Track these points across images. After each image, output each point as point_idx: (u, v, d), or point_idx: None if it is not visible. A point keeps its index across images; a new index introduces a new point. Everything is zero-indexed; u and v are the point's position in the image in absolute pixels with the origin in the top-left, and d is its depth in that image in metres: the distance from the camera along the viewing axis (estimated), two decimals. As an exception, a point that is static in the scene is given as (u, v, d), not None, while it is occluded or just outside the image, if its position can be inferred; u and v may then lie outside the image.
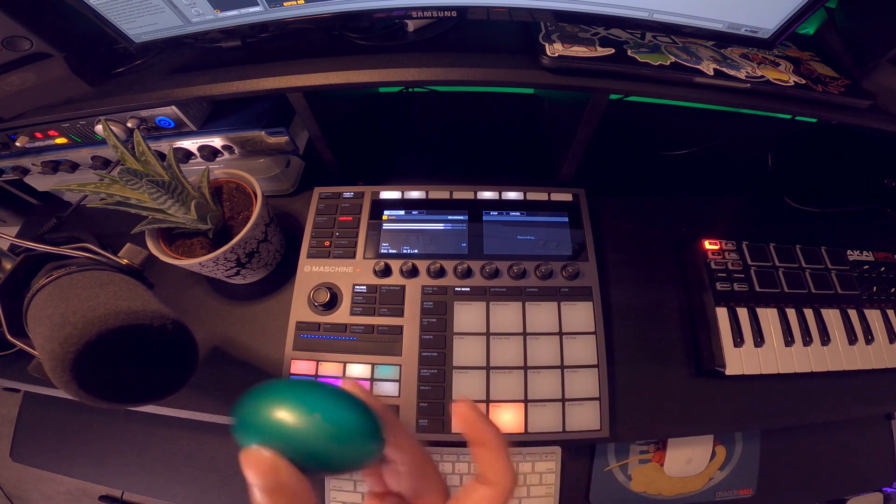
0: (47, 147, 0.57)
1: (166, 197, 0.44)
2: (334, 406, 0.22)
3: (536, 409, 0.49)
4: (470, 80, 0.45)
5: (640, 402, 0.52)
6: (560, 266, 0.54)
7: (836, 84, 0.46)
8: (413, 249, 0.56)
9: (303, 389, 0.23)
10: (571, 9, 0.42)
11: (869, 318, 0.56)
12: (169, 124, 0.54)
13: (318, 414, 0.21)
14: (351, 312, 0.53)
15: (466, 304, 0.53)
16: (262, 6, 0.42)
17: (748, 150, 0.73)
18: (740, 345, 0.53)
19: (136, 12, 0.42)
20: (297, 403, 0.21)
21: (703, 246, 0.58)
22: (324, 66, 0.46)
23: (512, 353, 0.51)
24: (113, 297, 0.31)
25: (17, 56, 0.46)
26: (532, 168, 0.69)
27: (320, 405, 0.22)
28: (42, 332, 0.29)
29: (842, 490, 0.61)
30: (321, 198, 0.60)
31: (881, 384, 0.55)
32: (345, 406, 0.22)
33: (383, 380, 0.50)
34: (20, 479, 1.13)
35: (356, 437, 0.22)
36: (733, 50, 0.49)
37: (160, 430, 0.60)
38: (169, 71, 0.51)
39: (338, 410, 0.22)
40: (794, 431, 0.60)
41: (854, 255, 0.60)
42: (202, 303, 0.59)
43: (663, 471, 0.58)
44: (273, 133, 0.56)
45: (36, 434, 0.63)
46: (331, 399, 0.22)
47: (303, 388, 0.23)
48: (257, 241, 0.52)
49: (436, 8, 0.43)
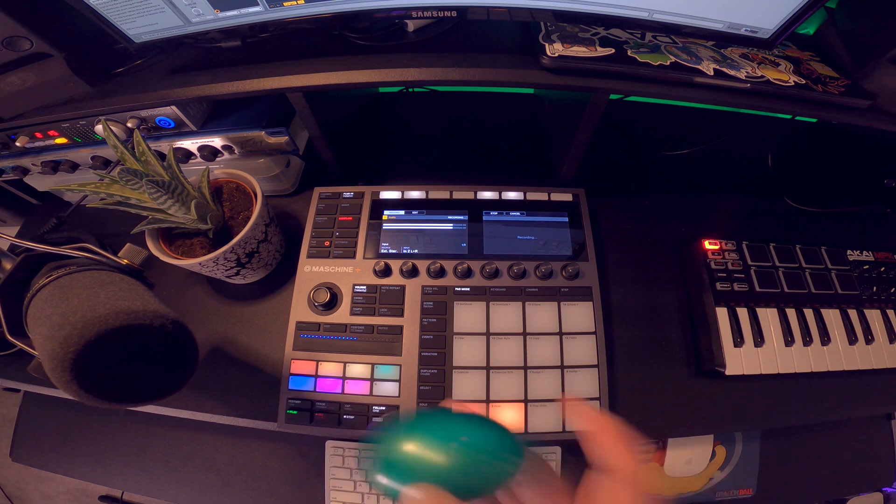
0: (47, 147, 0.57)
1: (166, 197, 0.44)
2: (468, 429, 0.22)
3: (536, 409, 0.49)
4: (470, 80, 0.45)
5: (640, 402, 0.52)
6: (560, 266, 0.54)
7: (836, 84, 0.46)
8: (413, 249, 0.56)
9: (429, 420, 0.23)
10: (571, 9, 0.42)
11: (869, 318, 0.56)
12: (169, 124, 0.54)
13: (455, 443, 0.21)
14: (351, 312, 0.53)
15: (466, 304, 0.53)
16: (262, 6, 0.43)
17: (748, 150, 0.73)
18: (740, 345, 0.53)
19: (136, 12, 0.42)
20: (430, 436, 0.22)
21: (703, 246, 0.58)
22: (324, 66, 0.46)
23: (512, 353, 0.51)
24: (113, 297, 0.31)
25: (17, 56, 0.46)
26: (532, 168, 0.69)
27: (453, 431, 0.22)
28: (42, 332, 0.29)
29: (842, 490, 0.61)
30: (321, 198, 0.60)
31: (881, 384, 0.55)
32: (476, 426, 0.22)
33: (383, 380, 0.50)
34: (20, 479, 1.13)
35: (500, 456, 0.22)
36: (733, 50, 0.49)
37: (160, 430, 0.60)
38: (169, 71, 0.51)
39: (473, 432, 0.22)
40: (794, 431, 0.60)
41: (854, 255, 0.60)
42: (202, 303, 0.59)
43: (663, 471, 0.58)
44: (273, 133, 0.56)
45: (36, 434, 0.63)
46: (461, 423, 0.22)
47: (428, 419, 0.23)
48: (257, 241, 0.52)
49: (436, 8, 0.43)
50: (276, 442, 0.58)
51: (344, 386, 0.50)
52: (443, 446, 0.21)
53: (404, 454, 0.21)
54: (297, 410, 0.49)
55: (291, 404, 0.50)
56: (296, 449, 0.58)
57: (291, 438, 0.57)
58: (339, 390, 0.50)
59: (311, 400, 0.50)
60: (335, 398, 0.49)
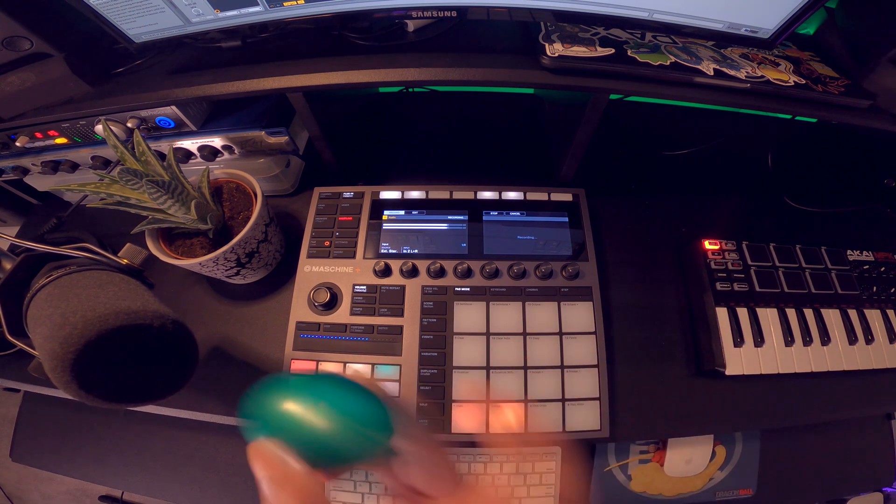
0: (47, 147, 0.57)
1: (166, 197, 0.44)
2: (341, 394, 0.21)
3: (536, 409, 0.49)
4: (470, 80, 0.45)
5: (640, 402, 0.52)
6: (560, 266, 0.54)
7: (836, 84, 0.46)
8: (413, 249, 0.56)
9: (309, 380, 0.22)
10: (571, 9, 0.42)
11: (869, 318, 0.56)
12: (169, 124, 0.54)
13: (323, 402, 0.20)
14: (351, 312, 0.53)
15: (466, 304, 0.53)
16: (262, 6, 0.43)
17: (748, 150, 0.73)
18: (740, 345, 0.53)
19: (136, 12, 0.42)
20: (303, 394, 0.21)
21: (703, 246, 0.58)
22: (324, 66, 0.46)
23: (512, 353, 0.51)
24: (113, 297, 0.31)
25: (17, 56, 0.46)
26: (532, 168, 0.69)
27: (327, 394, 0.21)
28: (42, 332, 0.29)
29: (842, 490, 0.61)
30: (321, 198, 0.60)
31: (881, 384, 0.55)
32: (352, 394, 0.21)
33: (383, 380, 0.50)
34: (20, 479, 1.13)
35: (364, 426, 0.21)
36: (733, 50, 0.49)
37: (160, 430, 0.60)
38: (169, 71, 0.51)
39: (345, 398, 0.21)
40: (794, 431, 0.60)
41: (854, 255, 0.60)
42: (202, 303, 0.59)
43: (663, 471, 0.58)
44: (273, 133, 0.56)
45: (36, 434, 0.63)
46: (338, 388, 0.22)
47: (309, 379, 0.22)
48: (257, 241, 0.52)
49: (436, 8, 0.43)
50: (276, 442, 0.58)
51: (344, 386, 0.50)
52: (303, 404, 0.20)
53: (263, 407, 0.21)
54: (297, 410, 0.49)
55: (291, 404, 0.50)
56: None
57: (291, 438, 0.57)
58: (339, 390, 0.50)
59: (311, 400, 0.50)
60: (335, 398, 0.49)
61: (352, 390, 0.22)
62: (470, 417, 0.48)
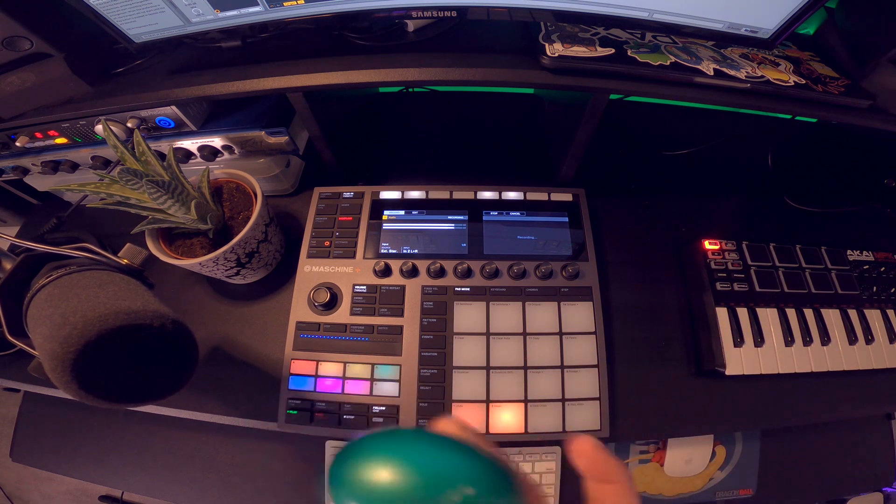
0: (47, 147, 0.57)
1: (166, 197, 0.44)
2: (455, 462, 0.18)
3: (536, 409, 0.49)
4: (470, 80, 0.45)
5: (640, 402, 0.52)
6: (560, 266, 0.54)
7: (836, 84, 0.46)
8: (413, 249, 0.56)
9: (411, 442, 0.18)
10: (571, 9, 0.42)
11: (869, 318, 0.56)
12: (169, 124, 0.54)
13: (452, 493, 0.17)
14: (351, 312, 0.53)
15: (466, 304, 0.53)
16: (262, 6, 0.42)
17: (748, 150, 0.73)
18: (740, 345, 0.53)
19: (136, 12, 0.42)
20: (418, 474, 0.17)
21: (703, 246, 0.58)
22: (324, 66, 0.46)
23: (512, 353, 0.51)
24: (113, 297, 0.31)
25: (17, 56, 0.46)
26: (532, 168, 0.69)
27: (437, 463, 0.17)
28: (42, 332, 0.29)
29: (842, 490, 0.61)
30: (321, 198, 0.60)
31: (881, 384, 0.55)
32: (467, 459, 0.18)
33: (383, 380, 0.50)
34: (20, 479, 1.13)
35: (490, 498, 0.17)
36: (733, 50, 0.49)
37: (160, 430, 0.60)
38: (169, 71, 0.51)
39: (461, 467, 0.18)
40: (794, 431, 0.60)
41: (854, 255, 0.60)
42: (202, 303, 0.59)
43: (663, 471, 0.58)
44: (273, 133, 0.56)
45: (36, 434, 0.63)
46: (447, 452, 0.18)
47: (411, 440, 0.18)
48: (257, 241, 0.52)
49: (436, 8, 0.43)
50: (277, 442, 0.58)
51: (344, 386, 0.50)
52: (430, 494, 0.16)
53: (364, 476, 0.17)
54: (297, 410, 0.49)
55: (291, 404, 0.50)
56: (296, 449, 0.58)
57: (291, 438, 0.57)
58: (339, 390, 0.50)
59: (311, 400, 0.50)
60: (335, 398, 0.49)
61: (466, 456, 0.18)
62: (470, 417, 0.48)
